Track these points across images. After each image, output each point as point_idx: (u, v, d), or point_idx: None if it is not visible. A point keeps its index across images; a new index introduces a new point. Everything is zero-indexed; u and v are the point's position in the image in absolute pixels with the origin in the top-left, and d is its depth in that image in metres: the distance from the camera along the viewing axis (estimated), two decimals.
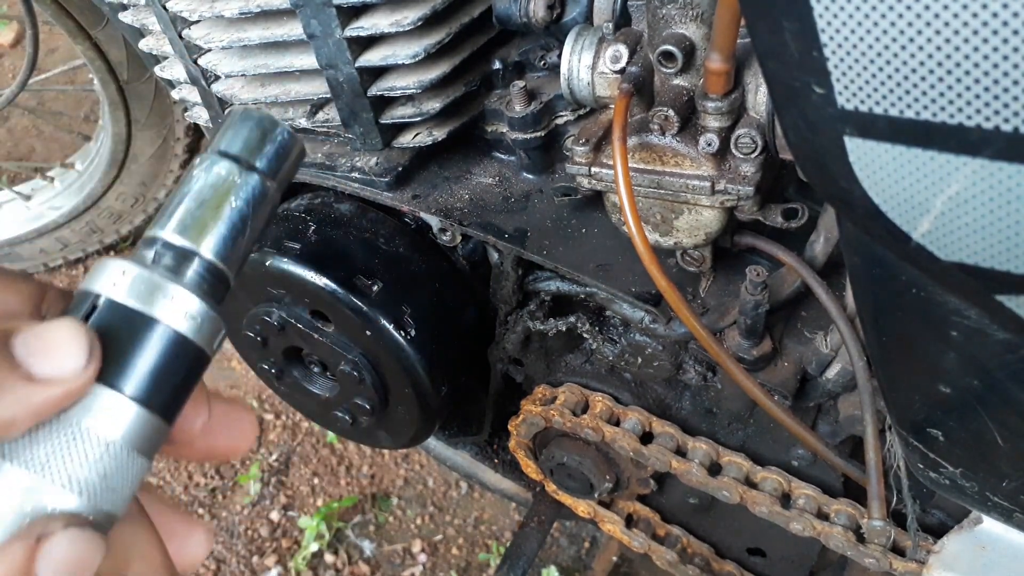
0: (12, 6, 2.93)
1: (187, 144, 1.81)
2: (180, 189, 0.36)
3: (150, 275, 0.33)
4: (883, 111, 0.33)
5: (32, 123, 2.50)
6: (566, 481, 1.02)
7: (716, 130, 0.62)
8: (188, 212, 0.35)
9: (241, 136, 0.36)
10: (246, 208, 0.36)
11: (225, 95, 0.88)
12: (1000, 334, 0.41)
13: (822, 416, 0.81)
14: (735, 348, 0.73)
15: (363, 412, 0.94)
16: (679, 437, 0.88)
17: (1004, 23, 0.28)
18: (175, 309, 0.33)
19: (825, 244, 0.69)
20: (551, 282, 0.85)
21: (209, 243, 0.35)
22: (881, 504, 0.71)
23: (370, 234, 0.87)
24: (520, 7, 0.73)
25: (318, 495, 1.70)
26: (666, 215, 0.69)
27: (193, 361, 0.35)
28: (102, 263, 0.34)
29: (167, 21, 0.85)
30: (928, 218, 0.35)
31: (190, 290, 0.34)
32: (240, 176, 0.36)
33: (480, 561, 1.60)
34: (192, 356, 0.35)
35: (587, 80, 0.68)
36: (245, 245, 0.36)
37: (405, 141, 0.84)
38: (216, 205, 0.35)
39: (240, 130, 0.37)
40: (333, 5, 0.71)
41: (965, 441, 0.51)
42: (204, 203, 0.35)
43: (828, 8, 0.32)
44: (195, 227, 0.35)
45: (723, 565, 1.04)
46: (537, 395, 0.96)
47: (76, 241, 2.03)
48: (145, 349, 0.33)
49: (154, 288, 0.33)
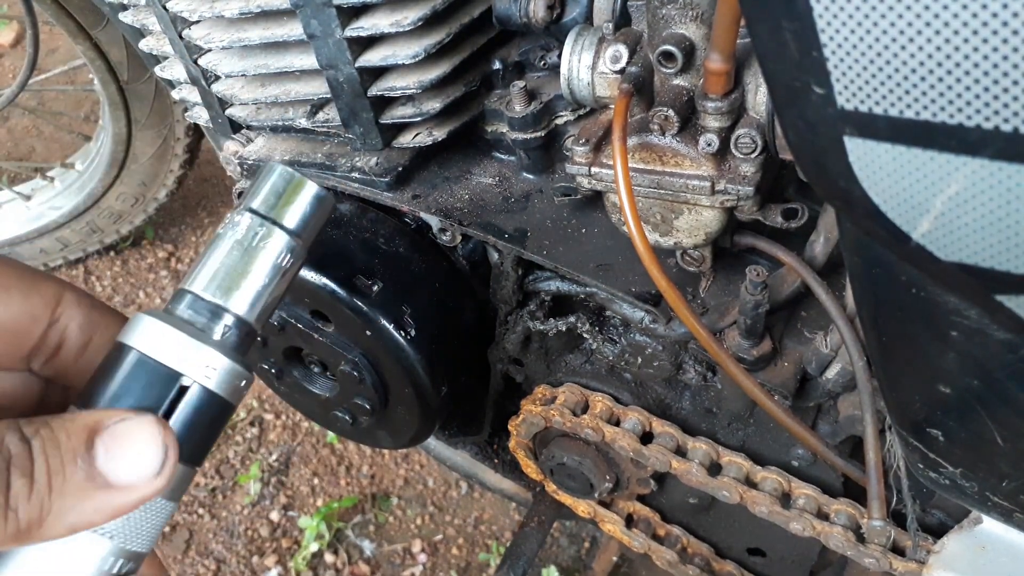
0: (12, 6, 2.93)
1: (187, 144, 1.81)
2: (213, 244, 0.38)
3: (180, 335, 0.35)
4: (883, 111, 0.33)
5: (32, 123, 2.50)
6: (566, 481, 1.02)
7: (716, 130, 0.62)
8: (219, 269, 0.37)
9: (273, 195, 0.38)
10: (274, 266, 0.38)
11: (225, 95, 0.88)
12: (1000, 334, 0.41)
13: (822, 416, 0.81)
14: (735, 348, 0.73)
15: (363, 412, 0.94)
16: (679, 437, 0.88)
17: (1004, 23, 0.28)
18: (204, 366, 0.35)
19: (825, 244, 0.69)
20: (551, 282, 0.85)
21: (238, 299, 0.37)
22: (881, 504, 0.71)
23: (370, 234, 0.87)
24: (520, 7, 0.73)
25: (318, 495, 1.70)
26: (666, 215, 0.69)
27: (219, 412, 0.37)
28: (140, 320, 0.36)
29: (167, 21, 0.85)
30: (928, 218, 0.35)
31: (219, 347, 0.36)
32: (270, 236, 0.38)
33: (480, 561, 1.60)
34: (219, 408, 0.37)
35: (587, 80, 0.68)
36: (272, 300, 0.38)
37: (405, 141, 0.84)
38: (246, 262, 0.37)
39: (273, 189, 0.38)
40: (333, 5, 0.71)
41: (965, 441, 0.51)
42: (234, 260, 0.37)
43: (828, 8, 0.32)
44: (225, 284, 0.37)
45: (723, 565, 1.04)
46: (537, 395, 0.96)
47: (76, 241, 2.03)
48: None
49: (185, 347, 0.35)
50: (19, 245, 2.01)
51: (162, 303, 2.06)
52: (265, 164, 0.39)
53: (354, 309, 0.82)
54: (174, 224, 2.22)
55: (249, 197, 0.38)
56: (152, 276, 2.13)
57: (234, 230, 0.37)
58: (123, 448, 0.31)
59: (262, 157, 0.91)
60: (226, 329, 0.37)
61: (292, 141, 0.92)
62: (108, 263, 2.15)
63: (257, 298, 0.37)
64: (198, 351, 0.35)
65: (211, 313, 0.36)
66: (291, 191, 0.38)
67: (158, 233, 2.20)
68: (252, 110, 0.90)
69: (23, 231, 1.99)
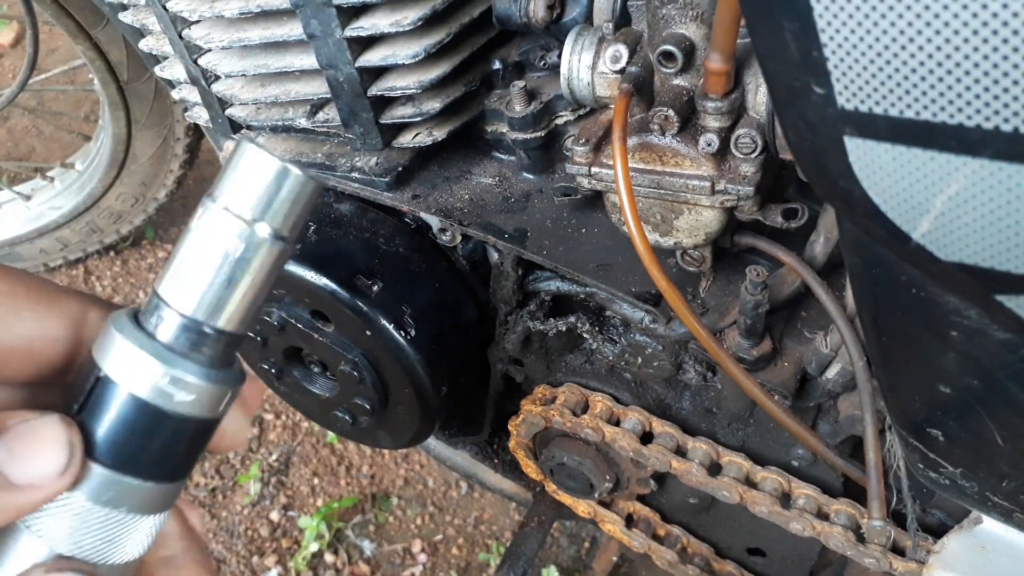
0: (12, 6, 2.93)
1: (187, 144, 1.81)
2: (183, 243, 0.33)
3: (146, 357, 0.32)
4: (883, 111, 0.33)
5: (32, 123, 2.50)
6: (566, 481, 1.02)
7: (716, 130, 0.62)
8: (190, 274, 0.33)
9: (247, 187, 0.32)
10: (250, 268, 0.33)
11: (225, 95, 0.88)
12: (1000, 334, 0.41)
13: (822, 416, 0.81)
14: (735, 348, 0.73)
15: (363, 412, 0.94)
16: (679, 437, 0.88)
17: (1004, 23, 0.28)
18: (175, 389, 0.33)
19: (825, 244, 0.69)
20: (551, 282, 0.85)
21: (213, 308, 0.33)
22: (881, 504, 0.71)
23: (370, 234, 0.87)
24: (520, 7, 0.73)
25: (318, 495, 1.70)
26: (666, 215, 0.69)
27: (196, 432, 0.35)
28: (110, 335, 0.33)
29: (167, 21, 0.85)
30: (928, 218, 0.35)
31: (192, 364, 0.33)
32: (245, 235, 0.32)
33: (480, 561, 1.60)
34: (195, 428, 0.35)
35: (587, 80, 0.68)
36: (252, 303, 0.34)
37: (405, 141, 0.84)
38: (218, 266, 0.33)
39: (246, 179, 0.32)
40: (333, 5, 0.71)
41: (965, 441, 0.51)
42: (206, 263, 0.33)
43: (828, 8, 0.32)
44: (196, 291, 0.33)
45: (723, 565, 1.04)
46: (537, 395, 0.96)
47: (76, 241, 2.03)
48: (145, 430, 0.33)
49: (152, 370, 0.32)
50: (19, 245, 2.01)
51: None
52: (238, 143, 0.33)
53: (354, 309, 0.82)
54: (174, 224, 2.22)
55: (221, 188, 0.33)
56: (152, 276, 2.13)
57: (205, 229, 0.33)
58: (25, 447, 0.31)
59: None
60: (201, 342, 0.33)
61: (292, 141, 0.92)
62: (108, 263, 2.15)
63: (236, 304, 0.33)
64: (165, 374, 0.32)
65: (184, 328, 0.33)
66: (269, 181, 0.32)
67: (158, 233, 2.20)
68: (252, 110, 0.90)
69: (23, 231, 1.99)
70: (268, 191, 0.32)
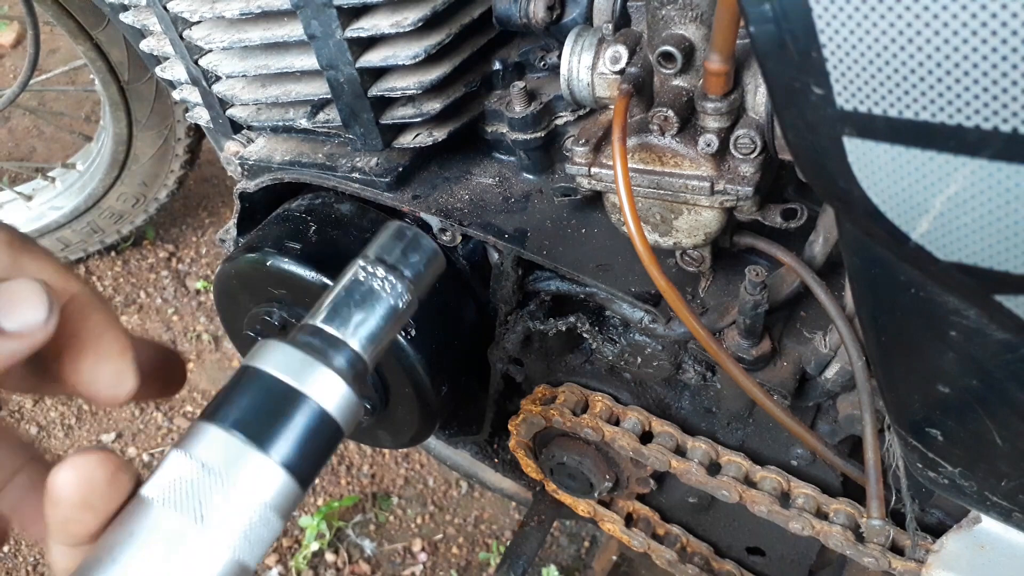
0: (13, 6, 2.93)
1: (188, 144, 1.81)
2: (339, 284, 0.42)
3: (305, 357, 0.38)
4: (882, 111, 0.33)
5: (33, 123, 2.50)
6: (566, 480, 1.03)
7: (715, 131, 0.62)
8: (343, 307, 0.40)
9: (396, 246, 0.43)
10: (392, 310, 0.41)
11: (226, 96, 0.88)
12: (999, 334, 0.41)
13: (821, 416, 0.81)
14: (734, 348, 0.73)
15: (363, 412, 0.94)
16: (678, 437, 0.88)
17: (1003, 23, 0.28)
18: (324, 388, 0.38)
19: (824, 244, 0.69)
20: (551, 282, 0.85)
21: (357, 336, 0.40)
22: (880, 503, 0.71)
23: (370, 234, 0.87)
24: (520, 8, 0.73)
25: (318, 494, 1.70)
26: (665, 215, 0.69)
27: (332, 437, 0.39)
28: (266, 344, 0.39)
29: (168, 22, 0.85)
30: (927, 218, 0.36)
31: (338, 374, 0.38)
32: (391, 281, 0.42)
33: (480, 560, 1.60)
34: (333, 432, 0.38)
35: (587, 81, 0.68)
36: (385, 341, 0.41)
37: (405, 141, 0.84)
38: (366, 303, 0.41)
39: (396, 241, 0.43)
40: (334, 6, 0.71)
41: (964, 441, 0.52)
42: (357, 300, 0.41)
43: (827, 8, 0.32)
44: (347, 320, 0.40)
45: (722, 564, 1.04)
46: (537, 395, 0.96)
47: (77, 241, 2.03)
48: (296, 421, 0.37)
49: (308, 368, 0.38)
50: None
51: (163, 303, 2.06)
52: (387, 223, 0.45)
53: None
54: (175, 224, 2.22)
55: (376, 246, 0.43)
56: (153, 276, 2.13)
57: (360, 274, 0.42)
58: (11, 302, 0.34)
59: (263, 157, 0.91)
60: (345, 360, 0.39)
61: (293, 142, 0.92)
62: (109, 263, 2.15)
63: (374, 336, 0.41)
64: (319, 374, 0.38)
65: (333, 346, 0.39)
66: (411, 246, 0.43)
67: (159, 233, 2.20)
68: (253, 110, 0.90)
69: (24, 231, 1.99)
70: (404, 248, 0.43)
